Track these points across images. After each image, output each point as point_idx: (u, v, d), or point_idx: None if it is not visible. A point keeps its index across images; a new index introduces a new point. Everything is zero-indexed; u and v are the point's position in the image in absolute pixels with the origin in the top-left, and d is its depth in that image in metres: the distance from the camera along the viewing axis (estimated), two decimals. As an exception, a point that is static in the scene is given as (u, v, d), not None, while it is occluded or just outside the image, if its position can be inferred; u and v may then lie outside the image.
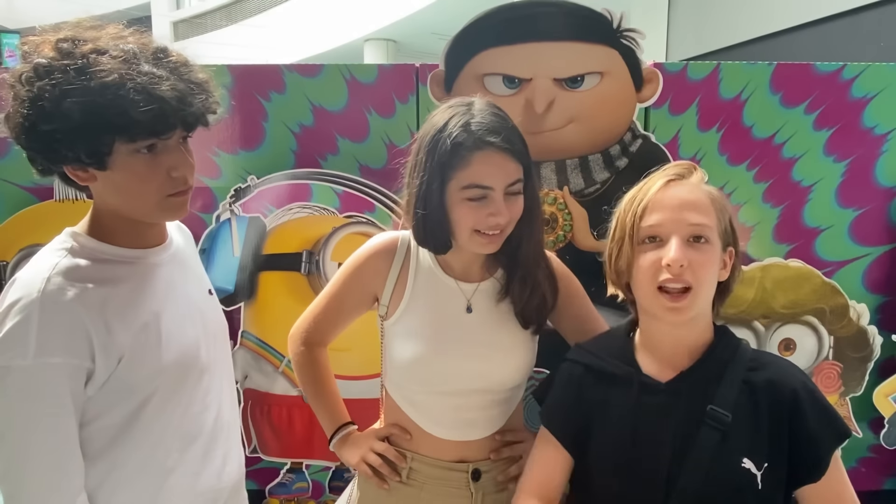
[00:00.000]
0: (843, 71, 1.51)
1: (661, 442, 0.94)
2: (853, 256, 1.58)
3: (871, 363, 1.60)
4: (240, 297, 1.59)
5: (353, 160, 1.56)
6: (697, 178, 0.98)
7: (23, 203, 1.58)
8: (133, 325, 0.94)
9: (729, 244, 0.97)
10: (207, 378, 1.06)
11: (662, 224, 0.93)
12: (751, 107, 1.52)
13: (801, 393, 0.92)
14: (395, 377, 1.18)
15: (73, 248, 0.95)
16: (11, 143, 1.55)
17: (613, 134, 1.52)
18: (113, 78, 0.85)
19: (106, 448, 0.96)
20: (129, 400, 0.96)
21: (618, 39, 1.47)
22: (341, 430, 1.24)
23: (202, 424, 1.05)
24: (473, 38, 1.49)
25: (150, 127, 0.88)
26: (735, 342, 1.00)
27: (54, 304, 0.88)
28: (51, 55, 0.87)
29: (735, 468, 0.90)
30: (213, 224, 1.57)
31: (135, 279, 0.98)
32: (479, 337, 1.13)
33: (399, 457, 1.18)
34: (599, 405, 1.01)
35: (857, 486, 0.96)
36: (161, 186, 0.94)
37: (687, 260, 0.90)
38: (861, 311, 1.58)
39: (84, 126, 0.85)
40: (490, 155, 1.03)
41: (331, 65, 1.54)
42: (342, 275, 1.21)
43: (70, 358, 0.88)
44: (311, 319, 1.25)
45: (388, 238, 1.20)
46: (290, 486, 1.65)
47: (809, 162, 1.54)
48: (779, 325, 1.57)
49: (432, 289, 1.15)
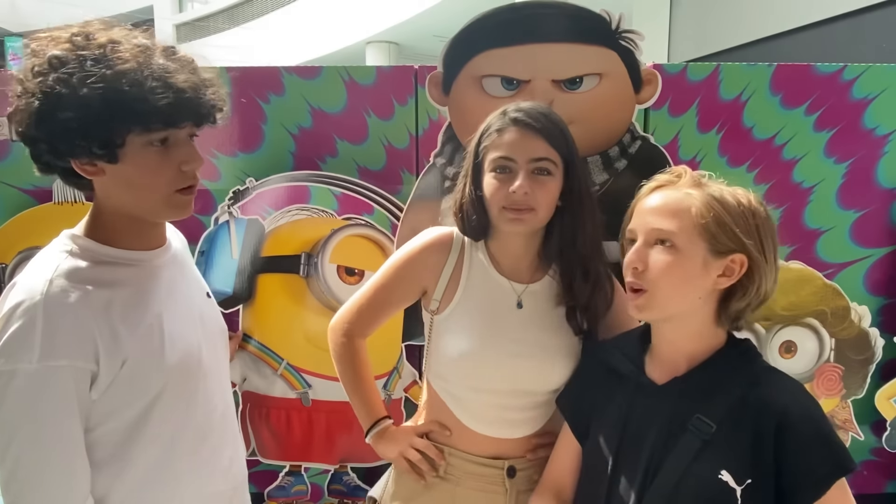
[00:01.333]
0: (844, 72, 1.51)
1: (644, 443, 0.95)
2: (854, 258, 1.57)
3: (873, 365, 1.59)
4: (238, 300, 1.58)
5: (351, 162, 1.56)
6: (683, 182, 0.96)
7: (21, 205, 1.58)
8: (138, 328, 0.94)
9: (732, 250, 0.92)
10: (210, 380, 1.06)
11: (633, 227, 0.98)
12: (751, 108, 1.52)
13: (794, 415, 0.89)
14: (441, 370, 1.19)
15: (73, 250, 0.94)
16: (11, 145, 1.57)
17: (612, 135, 1.52)
18: (130, 65, 0.86)
19: (113, 453, 0.94)
20: (135, 403, 0.95)
21: (616, 41, 1.47)
22: (379, 424, 1.24)
23: (210, 425, 1.05)
24: (472, 39, 1.48)
25: (166, 116, 0.88)
26: (746, 357, 0.98)
27: (58, 306, 0.87)
28: (65, 47, 0.87)
29: (710, 479, 0.89)
30: (211, 226, 1.57)
31: (137, 281, 0.97)
32: (527, 336, 1.14)
33: (439, 454, 1.19)
34: (602, 400, 1.04)
35: (859, 490, 0.96)
36: (172, 180, 0.93)
37: (644, 263, 0.94)
38: (862, 314, 1.57)
39: (102, 113, 0.84)
40: (517, 130, 1.09)
41: (329, 67, 1.53)
42: (393, 265, 1.22)
43: (75, 361, 0.87)
44: (356, 310, 1.25)
45: (443, 232, 1.22)
46: (289, 489, 1.64)
47: (810, 163, 1.53)
48: (780, 328, 1.56)
49: (484, 286, 1.17)
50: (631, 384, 1.01)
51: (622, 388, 1.02)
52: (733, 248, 0.92)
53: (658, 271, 0.93)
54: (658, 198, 0.97)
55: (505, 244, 1.17)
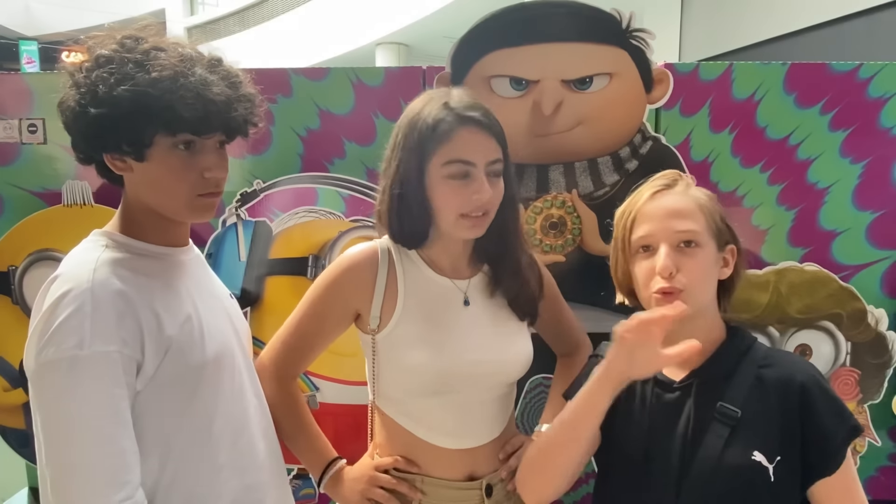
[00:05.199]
0: (860, 70, 1.48)
1: (673, 438, 0.98)
2: (871, 260, 1.54)
3: (890, 369, 1.56)
4: (246, 302, 1.58)
5: (360, 164, 1.55)
6: (682, 185, 1.03)
7: (32, 208, 1.59)
8: (178, 317, 0.95)
9: (728, 242, 1.02)
10: (244, 375, 1.08)
11: (651, 234, 0.99)
12: (764, 107, 1.49)
13: (811, 388, 0.95)
14: (394, 392, 1.13)
15: (109, 244, 0.96)
16: (21, 147, 1.57)
17: (623, 136, 1.50)
18: (167, 73, 0.89)
19: (155, 444, 0.94)
20: (175, 394, 0.95)
21: (627, 40, 1.45)
22: (332, 467, 1.16)
23: (247, 418, 1.06)
24: (480, 39, 1.47)
25: (192, 125, 0.91)
26: (747, 341, 1.03)
27: (106, 293, 0.88)
28: (113, 48, 0.91)
29: (745, 461, 0.93)
30: (219, 228, 1.57)
31: (169, 273, 0.99)
32: (480, 329, 1.12)
33: (410, 487, 1.12)
34: (619, 402, 1.02)
35: (876, 495, 0.95)
36: (194, 185, 0.95)
37: (676, 266, 0.96)
38: (879, 317, 1.54)
39: (131, 114, 0.88)
40: (472, 131, 1.02)
41: (337, 68, 1.53)
42: (316, 296, 1.14)
43: (123, 347, 0.88)
44: (282, 349, 1.16)
45: (365, 248, 1.15)
46: (297, 492, 1.64)
47: (825, 163, 1.51)
48: (794, 331, 1.54)
49: (426, 290, 1.12)
50: (648, 383, 1.02)
51: (637, 388, 1.03)
52: (728, 240, 1.02)
53: (691, 271, 0.97)
54: (668, 202, 1.00)
55: (445, 247, 1.12)
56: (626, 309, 1.08)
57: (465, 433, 1.13)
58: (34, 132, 1.56)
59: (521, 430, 1.32)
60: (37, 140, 1.57)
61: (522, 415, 1.59)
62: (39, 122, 1.56)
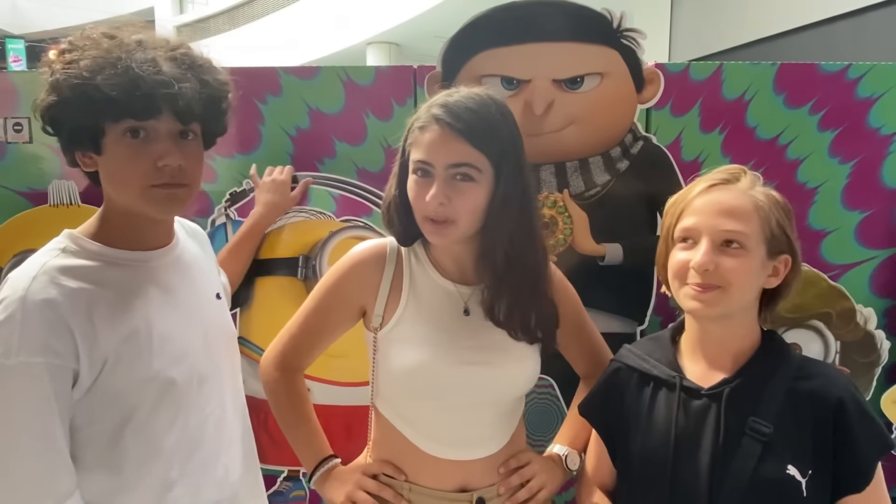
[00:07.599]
0: (849, 70, 1.49)
1: (702, 449, 0.95)
2: (859, 259, 1.55)
3: (879, 368, 1.57)
4: (236, 303, 1.56)
5: (350, 163, 1.54)
6: (746, 182, 0.98)
7: (17, 208, 1.56)
8: (121, 330, 0.93)
9: (782, 252, 0.97)
10: (208, 387, 1.04)
11: (696, 227, 0.95)
12: (754, 108, 1.50)
13: (847, 403, 0.93)
14: (390, 393, 1.12)
15: (67, 247, 0.94)
16: (6, 147, 1.55)
17: (614, 136, 1.50)
18: (102, 58, 0.88)
19: (101, 456, 0.93)
20: (119, 407, 0.93)
21: (618, 39, 1.45)
22: (324, 465, 1.15)
23: (203, 434, 1.03)
24: (471, 38, 1.47)
25: (129, 109, 0.88)
26: (782, 350, 1.00)
27: (37, 303, 0.87)
28: (69, 42, 0.92)
29: (780, 475, 0.91)
30: (208, 228, 1.55)
31: (129, 283, 0.96)
32: (479, 341, 1.08)
33: (396, 496, 1.10)
34: (641, 408, 1.02)
35: None
36: (144, 175, 0.92)
37: (714, 264, 0.92)
38: (868, 316, 1.55)
39: (71, 102, 0.88)
40: (436, 132, 0.98)
41: (327, 67, 1.52)
42: (325, 289, 1.13)
43: (52, 358, 0.86)
44: (289, 341, 1.16)
45: (374, 245, 1.14)
46: (288, 494, 1.63)
47: (814, 163, 1.51)
48: (784, 330, 1.54)
49: (430, 292, 1.10)
50: (675, 389, 0.99)
51: (662, 395, 1.01)
52: (783, 249, 0.97)
53: (731, 272, 0.93)
54: (722, 198, 0.96)
55: (445, 249, 1.09)
56: (619, 310, 1.08)
57: (458, 444, 1.10)
58: (20, 131, 1.54)
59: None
60: (22, 139, 1.55)
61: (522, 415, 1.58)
62: (25, 122, 1.54)
